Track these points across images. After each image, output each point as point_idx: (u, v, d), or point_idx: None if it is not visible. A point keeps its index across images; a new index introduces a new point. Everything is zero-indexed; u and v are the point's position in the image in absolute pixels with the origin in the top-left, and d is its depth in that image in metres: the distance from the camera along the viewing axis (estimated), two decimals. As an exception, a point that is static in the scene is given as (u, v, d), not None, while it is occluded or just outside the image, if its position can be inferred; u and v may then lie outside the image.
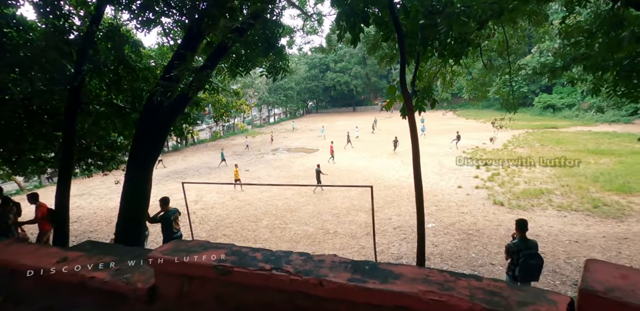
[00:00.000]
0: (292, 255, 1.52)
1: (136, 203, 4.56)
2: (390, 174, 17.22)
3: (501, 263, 7.66)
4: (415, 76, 4.25)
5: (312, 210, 12.17)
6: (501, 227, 9.91)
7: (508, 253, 4.77)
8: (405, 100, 3.92)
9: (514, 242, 4.73)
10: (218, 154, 27.11)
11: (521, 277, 4.52)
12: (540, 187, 13.31)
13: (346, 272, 1.34)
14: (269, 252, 1.57)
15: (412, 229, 9.94)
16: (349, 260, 1.46)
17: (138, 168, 4.51)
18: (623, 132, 26.11)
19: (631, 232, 9.12)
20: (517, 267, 4.52)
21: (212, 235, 10.10)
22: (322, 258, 1.49)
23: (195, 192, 14.98)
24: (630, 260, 7.58)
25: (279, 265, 1.42)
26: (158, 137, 4.58)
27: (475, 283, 1.23)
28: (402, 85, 3.99)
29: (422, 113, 5.39)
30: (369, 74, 63.68)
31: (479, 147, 23.03)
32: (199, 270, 1.49)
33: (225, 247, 1.63)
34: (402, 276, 1.30)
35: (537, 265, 4.45)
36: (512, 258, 4.68)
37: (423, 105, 4.36)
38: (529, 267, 4.41)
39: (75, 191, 16.68)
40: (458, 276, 1.28)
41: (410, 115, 4.01)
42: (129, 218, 4.53)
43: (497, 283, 1.23)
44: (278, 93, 53.04)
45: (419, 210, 4.67)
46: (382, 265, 1.41)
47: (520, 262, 4.42)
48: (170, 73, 4.34)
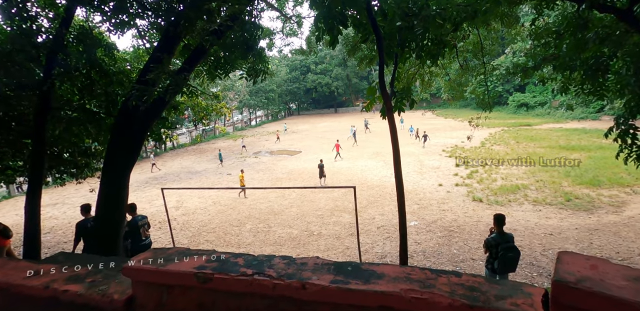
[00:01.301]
0: (275, 259, 1.51)
1: (113, 211, 4.39)
2: (372, 174, 17.39)
3: (481, 258, 7.86)
4: (394, 77, 4.32)
5: (295, 212, 12.13)
6: (480, 222, 10.18)
7: (487, 248, 4.92)
8: (384, 101, 3.98)
9: (492, 237, 4.90)
10: (199, 159, 26.70)
11: (500, 269, 4.68)
12: (516, 183, 13.77)
13: (329, 274, 1.34)
14: (250, 257, 1.55)
15: (395, 228, 10.07)
16: (332, 262, 1.47)
17: (114, 176, 4.35)
18: (591, 129, 27.36)
19: (601, 223, 9.56)
20: (496, 261, 4.66)
21: (194, 241, 9.90)
22: (304, 261, 1.48)
23: (176, 197, 14.64)
24: (600, 250, 7.94)
25: (261, 270, 1.40)
26: (134, 142, 4.44)
27: (455, 280, 1.26)
28: (381, 86, 4.05)
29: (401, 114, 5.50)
30: (350, 75, 64.21)
31: (457, 145, 23.60)
32: (178, 278, 1.45)
33: (205, 254, 1.60)
34: (384, 276, 1.31)
35: (514, 258, 4.62)
36: (491, 252, 4.85)
37: (402, 105, 4.44)
38: (507, 260, 4.58)
39: (47, 200, 15.99)
40: (439, 274, 1.31)
41: (390, 115, 4.06)
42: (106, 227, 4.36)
43: (475, 278, 1.26)
44: (259, 96, 52.68)
45: (401, 209, 4.73)
46: (365, 266, 1.42)
47: (500, 256, 4.58)
48: (145, 76, 4.24)
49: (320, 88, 61.86)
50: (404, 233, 4.76)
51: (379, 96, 4.12)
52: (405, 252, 4.82)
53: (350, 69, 62.50)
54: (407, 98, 4.55)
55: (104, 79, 4.86)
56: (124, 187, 4.52)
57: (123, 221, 4.65)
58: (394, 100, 4.22)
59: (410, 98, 4.59)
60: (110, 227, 4.34)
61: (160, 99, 4.23)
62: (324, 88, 61.72)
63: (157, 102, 4.28)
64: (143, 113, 4.16)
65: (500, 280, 1.23)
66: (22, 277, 1.84)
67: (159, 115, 4.71)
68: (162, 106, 4.52)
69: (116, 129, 4.42)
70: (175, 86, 4.08)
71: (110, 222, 4.34)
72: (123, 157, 4.41)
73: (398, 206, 4.68)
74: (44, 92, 4.75)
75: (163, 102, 4.40)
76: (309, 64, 63.07)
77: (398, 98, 4.41)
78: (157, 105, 4.37)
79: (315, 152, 25.29)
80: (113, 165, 4.38)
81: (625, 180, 12.89)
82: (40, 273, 1.86)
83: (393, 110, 4.12)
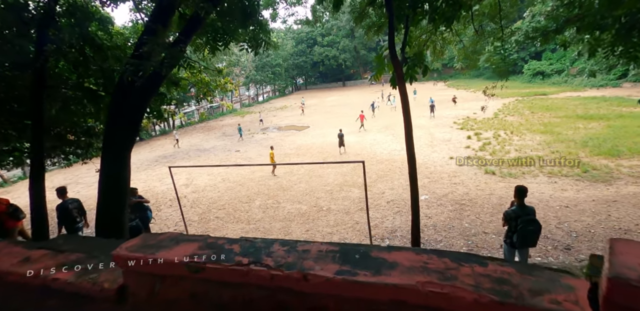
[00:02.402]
0: (274, 246, 1.36)
1: (115, 193, 4.32)
2: (382, 148, 17.14)
3: (494, 232, 7.77)
4: (405, 42, 3.90)
5: (304, 188, 12.12)
6: (493, 195, 10.00)
7: (506, 220, 4.71)
8: (394, 68, 3.64)
9: (512, 209, 4.66)
10: (207, 136, 26.71)
11: (519, 243, 4.50)
12: (530, 155, 13.38)
13: (334, 263, 1.19)
14: (247, 243, 1.40)
15: (405, 202, 9.98)
16: (338, 248, 1.31)
17: (114, 156, 4.23)
18: (611, 96, 26.22)
19: (620, 195, 9.28)
20: (515, 234, 4.49)
21: (204, 218, 10.03)
22: (307, 247, 1.33)
23: (186, 175, 14.76)
24: (619, 222, 7.73)
25: (258, 259, 1.25)
26: (132, 120, 4.27)
27: (480, 270, 1.08)
28: (391, 52, 3.69)
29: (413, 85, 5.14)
30: (358, 47, 62.09)
31: (469, 117, 22.95)
32: (169, 268, 1.32)
33: (198, 240, 1.46)
34: (397, 265, 1.14)
35: (534, 231, 4.42)
36: (510, 225, 4.63)
37: (414, 73, 4.06)
38: (527, 233, 4.38)
39: (61, 180, 16.33)
40: (460, 262, 1.13)
41: (401, 83, 3.74)
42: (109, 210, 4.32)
43: (504, 268, 1.09)
44: (265, 71, 51.63)
45: (413, 186, 4.54)
46: (375, 252, 1.25)
47: (519, 229, 4.38)
48: (140, 50, 3.98)
49: (327, 62, 60.19)
50: (416, 211, 4.61)
51: (389, 64, 3.78)
52: (418, 231, 4.68)
53: (358, 40, 60.32)
54: (419, 65, 4.15)
55: (99, 55, 4.62)
56: (125, 166, 4.42)
57: (126, 201, 4.60)
58: (405, 67, 3.86)
59: (423, 65, 4.18)
60: (114, 208, 4.30)
61: (156, 74, 3.99)
62: (331, 62, 60.03)
63: (153, 76, 4.05)
64: (139, 89, 3.95)
65: (533, 269, 1.04)
66: (14, 263, 1.75)
67: (156, 91, 4.49)
68: (158, 81, 4.28)
69: (113, 107, 4.24)
70: (171, 59, 3.83)
71: (114, 202, 4.29)
72: (122, 136, 4.26)
73: (410, 183, 4.48)
74: (37, 70, 4.56)
75: (159, 77, 4.17)
76: (315, 36, 60.96)
77: (410, 66, 4.05)
78: (153, 80, 4.14)
79: (323, 127, 24.99)
80: (112, 144, 4.25)
81: (646, 150, 12.39)
82: (31, 259, 1.76)
83: (404, 78, 3.78)
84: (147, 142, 27.26)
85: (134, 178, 15.67)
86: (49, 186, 16.38)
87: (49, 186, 16.38)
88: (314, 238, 8.25)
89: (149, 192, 13.40)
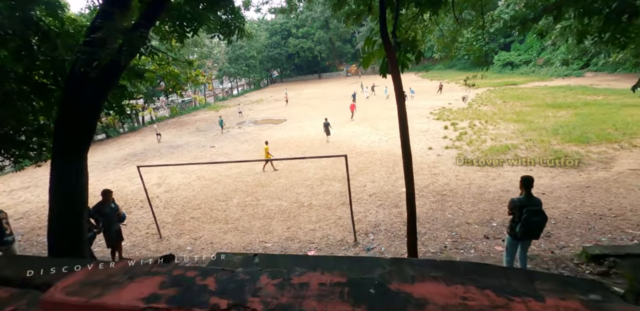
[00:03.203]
0: (261, 278, 1.05)
1: (70, 201, 3.80)
2: (361, 140, 17.00)
3: (476, 222, 7.78)
4: (396, 24, 3.57)
5: (284, 183, 11.78)
6: (472, 185, 10.07)
7: (511, 208, 4.50)
8: (387, 53, 3.31)
9: (519, 198, 4.47)
10: (180, 132, 25.66)
11: (522, 234, 4.30)
12: (506, 143, 13.64)
13: (343, 303, 0.90)
14: (226, 275, 1.08)
15: (387, 195, 9.88)
16: (345, 279, 1.02)
17: (67, 157, 3.72)
18: (576, 85, 27.29)
19: (591, 180, 9.57)
20: (519, 224, 4.30)
21: (179, 220, 9.51)
22: (304, 278, 1.03)
23: (157, 174, 14.03)
24: (593, 208, 7.94)
25: (240, 299, 0.94)
26: (87, 116, 3.77)
27: (538, 307, 0.83)
28: (383, 36, 3.35)
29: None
30: (333, 39, 61.48)
31: (444, 107, 23.21)
32: (119, 316, 0.99)
33: (160, 272, 1.12)
34: (427, 304, 0.87)
35: (539, 222, 4.24)
36: (514, 214, 4.44)
37: (406, 60, 3.75)
38: (531, 224, 4.19)
39: (18, 184, 15.13)
40: (509, 296, 0.87)
41: (395, 71, 3.44)
42: (63, 219, 3.81)
43: (569, 302, 0.83)
44: (239, 63, 50.14)
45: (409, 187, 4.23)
46: (394, 284, 0.97)
47: (523, 218, 4.19)
48: (92, 36, 3.48)
49: (302, 53, 59.29)
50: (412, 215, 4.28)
51: (379, 50, 3.46)
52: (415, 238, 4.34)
53: (333, 32, 59.70)
54: (413, 50, 3.85)
55: (46, 43, 4.04)
56: (81, 170, 3.90)
57: (84, 212, 4.09)
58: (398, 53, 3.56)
59: (417, 50, 3.88)
60: (69, 220, 3.79)
61: (113, 63, 3.50)
62: (306, 53, 59.18)
63: (110, 66, 3.55)
64: (94, 81, 3.45)
65: (613, 305, 0.79)
66: None
67: (115, 83, 3.97)
68: (116, 71, 3.77)
69: (64, 101, 3.70)
70: (130, 46, 3.36)
71: (69, 214, 3.78)
72: (76, 135, 3.74)
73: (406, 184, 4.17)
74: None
75: (118, 67, 3.67)
76: (290, 27, 59.78)
77: (402, 51, 3.74)
78: (110, 71, 3.63)
79: (301, 120, 24.57)
80: (65, 144, 3.73)
81: (613, 136, 12.90)
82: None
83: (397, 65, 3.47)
84: (114, 139, 25.84)
85: (102, 179, 14.74)
86: (6, 190, 15.06)
87: (6, 190, 15.06)
88: (297, 235, 7.98)
89: (118, 192, 12.62)
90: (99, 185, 13.94)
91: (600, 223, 7.18)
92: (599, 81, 28.27)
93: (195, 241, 8.23)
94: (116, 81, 4.06)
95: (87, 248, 4.34)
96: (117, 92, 4.63)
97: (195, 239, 8.35)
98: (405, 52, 3.76)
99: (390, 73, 3.49)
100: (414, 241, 4.29)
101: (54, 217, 3.83)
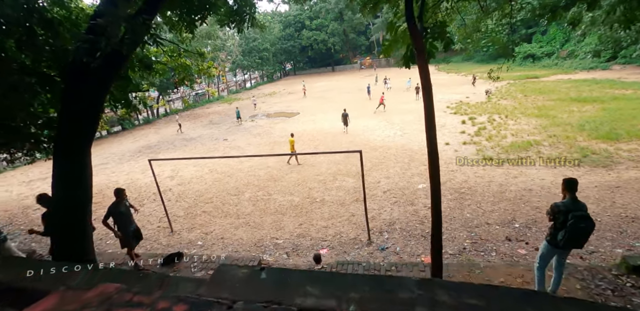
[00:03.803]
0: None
1: (74, 195, 3.68)
2: (375, 135, 16.62)
3: (497, 222, 7.42)
4: (422, 8, 3.16)
5: (296, 178, 11.58)
6: (492, 183, 9.65)
7: (552, 214, 4.07)
8: (413, 40, 2.93)
9: (564, 202, 4.01)
10: (193, 125, 25.72)
11: (565, 242, 3.88)
12: (528, 139, 13.06)
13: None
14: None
15: (402, 192, 9.57)
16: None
17: (69, 151, 3.56)
18: (602, 79, 26.01)
19: (622, 180, 9.02)
20: (563, 230, 3.88)
21: (190, 213, 9.44)
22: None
23: (171, 166, 14.04)
24: (624, 210, 7.46)
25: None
26: (90, 109, 3.59)
27: None
28: (409, 20, 2.97)
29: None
30: (347, 31, 60.49)
31: (462, 101, 22.50)
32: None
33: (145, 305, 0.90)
34: None
35: (587, 229, 3.82)
36: (557, 219, 4.01)
37: (433, 48, 3.33)
38: (578, 231, 3.78)
39: (37, 174, 15.43)
40: None
41: (422, 60, 3.07)
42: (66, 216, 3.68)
43: None
44: (252, 56, 49.93)
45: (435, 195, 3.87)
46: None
47: (569, 225, 3.77)
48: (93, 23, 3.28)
49: (316, 46, 58.58)
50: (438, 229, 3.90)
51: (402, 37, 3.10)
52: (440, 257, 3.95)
53: (347, 24, 58.70)
54: (442, 37, 3.46)
55: (48, 31, 3.87)
56: (85, 165, 3.74)
57: (88, 206, 3.94)
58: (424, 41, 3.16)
59: (446, 37, 3.48)
60: (73, 217, 3.65)
61: (115, 53, 3.30)
62: (320, 46, 58.45)
63: (112, 56, 3.36)
64: (96, 72, 3.27)
65: None
66: None
67: (117, 74, 3.79)
68: (120, 62, 3.58)
69: (67, 93, 3.54)
70: (133, 34, 3.15)
71: (73, 209, 3.63)
72: (79, 127, 3.57)
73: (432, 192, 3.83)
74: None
75: (121, 57, 3.47)
76: (304, 19, 59.05)
77: (427, 39, 3.35)
78: (112, 61, 3.44)
79: (313, 113, 24.28)
80: (68, 137, 3.57)
81: (645, 133, 12.16)
82: None
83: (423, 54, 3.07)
84: (130, 131, 26.14)
85: (117, 171, 14.88)
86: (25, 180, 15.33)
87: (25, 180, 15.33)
88: (308, 232, 7.79)
89: (132, 185, 12.70)
90: (113, 176, 14.09)
91: (633, 227, 6.73)
92: (628, 74, 26.87)
93: (206, 236, 8.14)
94: (119, 72, 3.86)
95: (91, 247, 4.22)
96: (121, 84, 4.45)
97: (207, 233, 8.26)
98: (433, 39, 3.35)
99: (417, 62, 3.12)
100: (438, 249, 3.98)
101: (56, 214, 3.71)
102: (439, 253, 4.01)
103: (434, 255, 4.06)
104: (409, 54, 3.22)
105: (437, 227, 3.92)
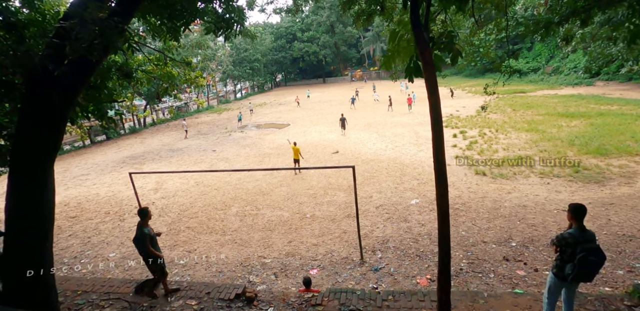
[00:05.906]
0: None
1: (31, 221, 3.19)
2: (366, 147, 16.41)
3: (493, 241, 7.14)
4: (427, 16, 2.87)
5: (286, 192, 11.18)
6: (486, 198, 9.43)
7: (560, 245, 3.70)
8: (419, 49, 2.64)
9: (570, 232, 3.60)
10: (181, 135, 25.12)
11: (574, 276, 3.52)
12: (519, 153, 13.00)
13: None
14: None
15: (395, 207, 9.26)
16: None
17: (28, 168, 3.12)
18: (587, 94, 26.58)
19: (615, 197, 8.91)
20: (571, 263, 3.53)
21: (173, 229, 8.91)
22: None
23: (155, 178, 13.48)
24: (620, 228, 7.28)
25: None
26: (53, 120, 3.20)
27: None
28: (415, 29, 2.65)
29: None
30: (338, 43, 61.27)
31: (452, 114, 22.60)
32: None
33: None
34: None
35: (597, 264, 3.45)
36: (564, 251, 3.63)
37: (438, 60, 3.00)
38: (587, 265, 3.41)
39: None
40: None
41: (430, 72, 2.76)
42: (21, 251, 3.16)
43: None
44: (243, 66, 49.86)
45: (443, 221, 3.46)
46: None
47: (579, 259, 3.40)
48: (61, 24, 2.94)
49: (307, 57, 59.06)
50: (445, 271, 3.49)
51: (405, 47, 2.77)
52: (448, 296, 3.58)
53: (338, 36, 59.51)
54: (449, 47, 3.07)
55: (12, 35, 3.52)
56: (46, 184, 3.27)
57: (49, 237, 3.39)
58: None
59: (455, 48, 3.02)
60: (30, 242, 3.11)
61: (84, 60, 2.95)
62: (311, 57, 58.94)
63: (79, 63, 3.01)
64: (60, 80, 2.90)
65: None
66: None
67: (85, 82, 3.40)
68: (88, 69, 3.20)
69: (27, 103, 3.14)
70: (104, 38, 2.81)
71: (30, 233, 3.15)
72: (40, 141, 3.15)
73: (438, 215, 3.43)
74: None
75: (89, 64, 3.11)
76: (295, 31, 59.67)
77: (435, 48, 3.03)
78: (80, 68, 3.09)
79: (304, 125, 24.05)
80: (26, 152, 3.14)
81: (633, 149, 12.22)
82: None
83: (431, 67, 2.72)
84: (114, 141, 25.39)
85: (98, 183, 14.20)
86: None
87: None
88: (298, 251, 7.37)
89: (113, 197, 12.09)
90: (94, 188, 13.42)
91: (631, 246, 6.52)
92: (611, 90, 27.57)
93: (189, 254, 7.63)
94: (86, 81, 3.48)
95: (53, 289, 3.58)
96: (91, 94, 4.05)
97: (190, 252, 7.75)
98: (440, 50, 3.03)
99: (424, 73, 2.81)
100: (447, 289, 3.52)
101: (8, 246, 3.19)
102: (446, 294, 3.60)
103: (441, 295, 3.66)
104: (412, 65, 2.93)
105: (444, 263, 3.51)
